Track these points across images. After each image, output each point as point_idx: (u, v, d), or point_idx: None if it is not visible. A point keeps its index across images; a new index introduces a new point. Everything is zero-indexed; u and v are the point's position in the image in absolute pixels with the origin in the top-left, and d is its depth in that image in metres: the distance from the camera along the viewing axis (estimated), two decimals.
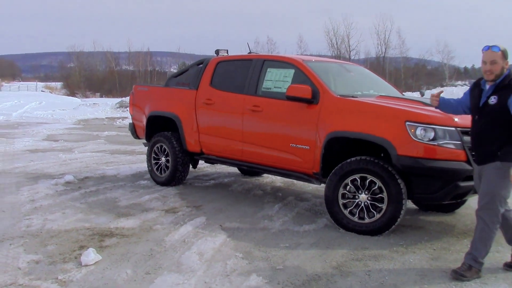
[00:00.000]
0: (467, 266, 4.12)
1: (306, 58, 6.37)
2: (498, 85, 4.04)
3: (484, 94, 4.13)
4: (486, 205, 4.09)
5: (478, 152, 4.17)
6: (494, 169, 4.03)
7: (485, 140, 4.08)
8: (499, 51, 4.02)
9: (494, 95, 4.02)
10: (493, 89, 4.06)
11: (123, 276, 3.98)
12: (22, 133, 14.83)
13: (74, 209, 5.98)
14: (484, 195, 4.10)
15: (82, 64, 70.90)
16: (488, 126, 4.05)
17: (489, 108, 4.04)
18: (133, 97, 8.30)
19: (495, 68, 4.01)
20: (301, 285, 3.88)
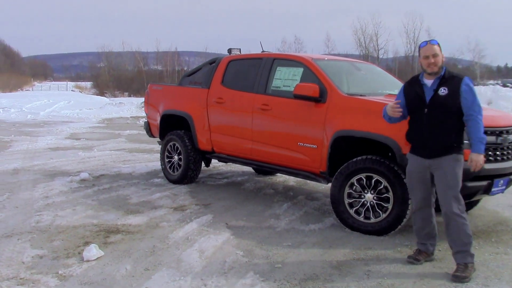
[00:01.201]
0: (463, 265, 4.11)
1: (315, 57, 6.34)
2: (443, 77, 4.19)
3: (429, 89, 4.23)
4: (454, 199, 4.14)
5: (433, 145, 4.18)
6: (453, 161, 4.14)
7: (441, 132, 4.15)
8: (437, 44, 4.23)
9: (443, 87, 4.15)
10: (438, 82, 4.19)
11: (122, 271, 4.04)
12: (47, 131, 15.16)
13: (85, 206, 6.09)
14: (450, 189, 4.14)
15: (111, 64, 72.04)
16: (442, 118, 4.14)
17: (441, 100, 4.13)
18: (148, 96, 8.40)
19: (437, 60, 4.18)
20: (297, 284, 3.87)
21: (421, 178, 4.33)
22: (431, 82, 4.24)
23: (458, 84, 4.12)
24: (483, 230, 5.51)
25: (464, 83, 4.13)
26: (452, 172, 4.14)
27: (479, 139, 4.06)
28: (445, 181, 4.15)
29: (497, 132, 5.07)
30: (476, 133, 4.06)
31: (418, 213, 4.46)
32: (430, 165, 4.24)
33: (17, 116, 21.25)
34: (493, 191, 5.11)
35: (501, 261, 4.50)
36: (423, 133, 4.24)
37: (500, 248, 4.90)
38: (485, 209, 6.42)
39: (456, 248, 4.17)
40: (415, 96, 4.31)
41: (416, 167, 4.34)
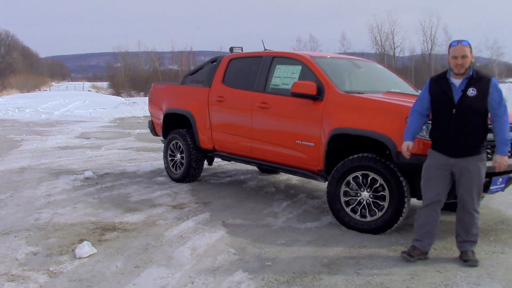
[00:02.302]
0: (471, 252, 4.37)
1: (313, 54, 6.31)
2: (471, 77, 4.19)
3: (457, 89, 4.23)
4: (478, 197, 4.32)
5: (461, 145, 4.20)
6: (479, 161, 4.23)
7: (469, 133, 4.18)
8: (469, 45, 4.20)
9: (472, 88, 4.16)
10: (466, 82, 4.19)
11: (113, 269, 4.07)
12: (58, 131, 15.33)
13: (85, 204, 6.15)
14: (477, 189, 4.27)
15: (127, 64, 72.61)
16: (470, 119, 4.16)
17: (470, 101, 4.14)
18: (152, 95, 8.45)
19: (466, 62, 4.16)
20: (285, 282, 3.86)
21: (441, 175, 4.32)
22: (460, 82, 4.22)
23: (487, 85, 4.14)
24: (483, 229, 5.43)
25: (492, 84, 4.15)
26: (478, 172, 4.22)
27: (504, 141, 4.12)
28: (471, 180, 4.22)
29: None
30: (502, 135, 4.14)
31: (426, 209, 4.44)
32: (454, 164, 4.25)
33: (32, 116, 21.51)
34: (491, 189, 5.03)
35: (496, 260, 4.44)
36: (450, 133, 4.22)
37: (498, 247, 4.83)
38: (488, 208, 6.34)
39: (466, 238, 4.37)
40: (442, 95, 4.28)
41: (438, 164, 4.32)
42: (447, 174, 4.30)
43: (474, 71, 4.20)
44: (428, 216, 4.43)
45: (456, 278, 4.00)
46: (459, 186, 4.30)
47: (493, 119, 4.17)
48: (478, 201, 4.33)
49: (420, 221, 4.48)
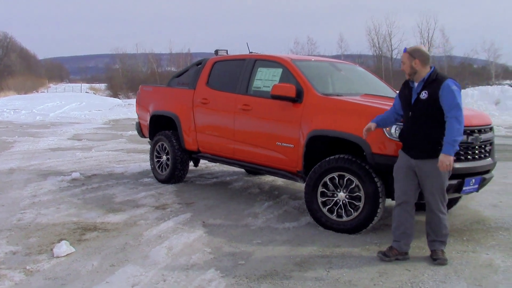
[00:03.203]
0: (441, 251, 4.47)
1: (294, 57, 6.42)
2: (426, 80, 4.32)
3: (414, 91, 4.39)
4: (440, 200, 4.42)
5: (416, 147, 4.35)
6: (437, 164, 4.25)
7: (421, 136, 4.31)
8: (406, 52, 4.40)
9: (424, 90, 4.29)
10: (422, 85, 4.34)
11: (88, 267, 4.17)
12: (51, 132, 15.42)
13: (69, 204, 6.24)
14: (435, 189, 4.37)
15: (125, 65, 72.74)
16: (422, 121, 4.30)
17: (421, 103, 4.29)
18: (139, 97, 8.55)
19: (405, 67, 4.37)
20: (255, 279, 3.96)
21: (407, 175, 4.45)
22: (417, 85, 4.39)
23: (438, 88, 4.23)
24: (458, 229, 5.54)
25: (443, 86, 4.21)
26: (437, 174, 4.30)
27: (450, 141, 4.16)
28: (431, 182, 4.34)
29: (468, 132, 5.09)
30: (449, 135, 4.17)
31: (397, 209, 4.53)
32: (415, 165, 4.38)
33: (27, 117, 21.62)
34: (464, 190, 5.14)
35: (466, 259, 4.54)
36: (409, 134, 4.42)
37: (469, 246, 4.93)
38: (466, 208, 6.44)
39: (435, 237, 4.48)
40: (404, 98, 4.48)
41: (403, 163, 4.47)
42: (412, 175, 4.41)
43: (430, 74, 4.32)
44: (400, 216, 4.52)
45: (424, 276, 4.10)
46: (422, 187, 4.43)
47: (445, 120, 4.23)
48: (442, 202, 4.43)
49: (395, 223, 4.57)
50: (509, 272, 4.24)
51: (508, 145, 13.41)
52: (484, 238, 5.21)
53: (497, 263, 4.44)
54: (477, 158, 5.22)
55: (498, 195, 7.19)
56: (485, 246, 4.94)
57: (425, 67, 4.35)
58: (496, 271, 4.25)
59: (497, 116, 21.26)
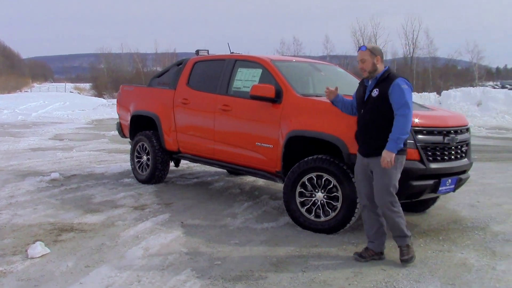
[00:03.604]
0: (406, 247, 4.43)
1: (274, 58, 6.44)
2: (379, 79, 4.40)
3: (367, 89, 4.48)
4: (386, 197, 4.35)
5: (367, 144, 4.43)
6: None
7: (372, 133, 4.37)
8: (366, 49, 4.42)
9: (376, 88, 4.38)
10: (374, 83, 4.42)
11: (63, 268, 4.13)
12: (32, 132, 15.25)
13: (46, 205, 6.18)
14: (382, 187, 4.34)
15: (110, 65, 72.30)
16: (373, 118, 4.37)
17: (372, 100, 4.37)
18: (120, 97, 8.51)
19: (366, 65, 4.42)
20: (230, 280, 3.95)
21: (364, 176, 4.52)
22: (370, 83, 4.47)
23: (388, 86, 4.29)
24: (435, 229, 5.59)
25: (393, 85, 4.26)
26: (384, 171, 4.30)
27: (394, 138, 4.18)
28: (378, 180, 4.36)
29: (444, 132, 5.15)
30: (394, 132, 4.20)
31: (365, 211, 4.60)
32: (368, 163, 4.45)
33: (8, 117, 21.34)
34: (440, 190, 5.19)
35: (441, 259, 4.58)
36: (360, 132, 4.52)
37: (445, 246, 4.98)
38: (444, 208, 6.50)
39: (396, 233, 4.46)
40: (359, 96, 4.59)
41: (360, 163, 4.54)
42: (369, 174, 4.46)
43: (383, 73, 4.38)
44: (370, 219, 4.57)
45: (398, 276, 4.14)
46: (373, 185, 4.43)
47: (394, 118, 4.24)
48: (391, 201, 4.36)
49: (365, 225, 4.64)
50: (482, 271, 4.29)
51: (488, 146, 13.59)
52: (460, 238, 5.26)
53: (471, 263, 4.49)
54: (453, 159, 5.27)
55: (476, 195, 7.28)
56: (461, 246, 4.99)
57: (382, 65, 4.44)
58: (470, 270, 4.30)
59: (478, 117, 21.54)
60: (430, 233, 5.40)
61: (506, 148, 13.13)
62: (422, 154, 4.96)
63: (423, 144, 4.99)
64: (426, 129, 5.02)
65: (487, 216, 6.11)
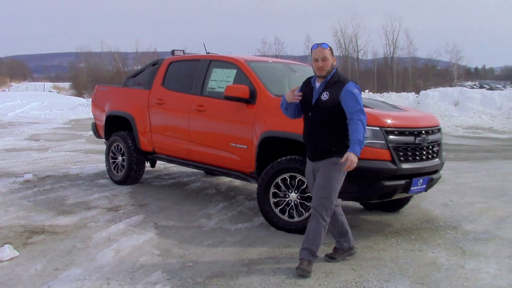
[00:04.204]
0: (308, 261, 4.18)
1: (248, 58, 6.43)
2: (328, 81, 4.24)
3: (316, 92, 4.28)
4: (323, 199, 4.19)
5: (315, 148, 4.29)
6: (330, 165, 4.19)
7: (320, 137, 4.24)
8: (328, 47, 4.25)
9: (326, 92, 4.21)
10: (324, 86, 4.24)
11: (31, 271, 4.07)
12: (7, 132, 15.03)
13: (18, 207, 6.10)
14: (321, 190, 4.21)
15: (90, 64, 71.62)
16: (322, 122, 4.23)
17: (322, 104, 4.21)
18: (95, 97, 8.43)
19: (326, 65, 4.20)
20: (201, 282, 3.94)
21: (312, 180, 4.40)
22: (319, 85, 4.29)
23: (339, 90, 4.16)
24: (407, 228, 5.65)
25: (345, 90, 4.15)
26: (326, 174, 4.19)
27: (357, 141, 4.06)
28: (319, 182, 4.22)
29: (416, 133, 5.21)
30: (355, 135, 4.07)
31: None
32: (315, 167, 4.33)
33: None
34: (412, 190, 5.24)
35: (412, 258, 4.63)
36: (308, 136, 4.35)
37: (417, 245, 5.03)
38: (418, 208, 6.57)
39: (307, 245, 4.21)
40: (305, 97, 4.34)
41: (309, 169, 4.42)
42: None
43: (333, 75, 4.24)
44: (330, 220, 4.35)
45: (369, 276, 4.17)
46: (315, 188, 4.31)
47: (348, 122, 4.13)
48: (326, 207, 4.19)
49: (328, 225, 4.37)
50: (451, 270, 4.35)
51: (464, 145, 13.78)
52: (431, 237, 5.32)
53: (441, 262, 4.55)
54: (424, 159, 5.33)
55: (449, 194, 7.37)
56: (432, 245, 5.05)
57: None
58: (439, 269, 4.36)
59: (456, 116, 21.82)
60: (403, 233, 5.45)
61: (481, 148, 13.33)
62: (394, 155, 5.01)
63: (394, 144, 5.04)
64: (397, 130, 5.07)
65: (459, 215, 6.19)
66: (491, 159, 11.23)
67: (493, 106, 22.44)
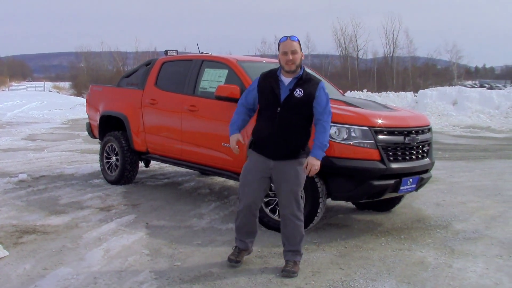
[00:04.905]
0: (293, 263, 4.18)
1: (240, 59, 6.45)
2: (301, 78, 4.10)
3: (285, 87, 4.10)
4: (295, 201, 4.16)
5: (280, 147, 4.09)
6: (298, 166, 4.11)
7: (291, 135, 4.08)
8: (297, 40, 4.10)
9: (299, 88, 4.06)
10: (295, 82, 4.09)
11: (20, 271, 4.10)
12: (5, 132, 15.05)
13: (11, 207, 6.12)
14: (292, 195, 4.15)
15: (90, 64, 71.72)
16: (294, 120, 4.07)
17: (295, 101, 4.05)
18: (89, 97, 8.46)
19: (296, 58, 4.04)
20: (188, 281, 3.97)
21: (261, 178, 4.19)
22: (289, 81, 4.11)
23: (315, 88, 4.07)
24: (398, 228, 5.66)
25: (320, 87, 4.09)
26: (297, 176, 4.12)
27: (321, 145, 4.02)
28: (289, 184, 4.11)
29: (405, 132, 5.23)
30: (320, 138, 4.04)
31: (245, 211, 4.27)
32: (274, 167, 4.14)
33: None
34: (402, 189, 5.27)
35: (400, 257, 4.65)
36: (273, 132, 4.08)
37: (406, 244, 5.05)
38: (410, 207, 6.59)
39: (289, 247, 4.21)
40: (270, 91, 4.13)
41: (258, 165, 4.19)
42: (267, 177, 4.19)
43: (304, 71, 4.13)
44: (247, 218, 4.30)
45: (356, 275, 4.19)
46: (278, 191, 4.20)
47: (316, 123, 4.09)
48: (298, 208, 4.18)
49: (239, 223, 4.34)
50: (438, 269, 4.37)
51: (460, 145, 13.79)
52: (421, 237, 5.34)
53: (428, 261, 4.57)
54: (414, 159, 5.36)
55: (442, 194, 7.39)
56: (421, 244, 5.07)
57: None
58: (427, 268, 4.38)
59: (454, 116, 21.83)
60: (393, 232, 5.47)
61: (477, 147, 13.34)
62: (383, 154, 5.04)
63: (383, 144, 5.07)
64: (386, 130, 5.10)
65: (451, 215, 6.21)
66: (486, 158, 11.24)
67: (491, 105, 22.45)
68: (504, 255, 4.77)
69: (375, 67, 67.86)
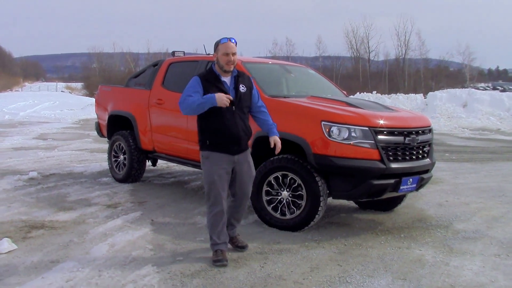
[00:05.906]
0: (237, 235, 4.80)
1: (245, 59, 6.57)
2: (238, 75, 4.46)
3: (229, 86, 4.40)
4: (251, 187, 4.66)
5: (240, 141, 4.41)
6: (250, 155, 4.61)
7: (244, 129, 4.44)
8: (235, 42, 4.39)
9: (241, 84, 4.43)
10: (234, 79, 4.43)
11: (27, 263, 4.25)
12: (17, 131, 15.32)
13: (21, 203, 6.29)
14: (250, 178, 4.60)
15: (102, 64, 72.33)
16: (245, 115, 4.48)
17: (242, 97, 4.41)
18: (98, 97, 8.63)
19: (235, 59, 4.36)
20: (189, 275, 4.08)
21: (227, 175, 4.41)
22: (229, 80, 4.41)
23: (250, 82, 4.54)
24: (399, 227, 5.74)
25: (251, 81, 4.57)
26: (252, 163, 4.61)
27: (274, 125, 4.59)
28: (250, 172, 4.56)
29: (405, 133, 5.32)
30: (270, 121, 4.60)
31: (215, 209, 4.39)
32: (237, 160, 4.44)
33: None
34: (402, 189, 5.35)
35: (398, 255, 4.73)
36: (236, 130, 4.33)
37: (405, 243, 5.13)
38: (412, 207, 6.65)
39: (237, 224, 4.78)
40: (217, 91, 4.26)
41: (224, 165, 4.35)
42: (230, 173, 4.44)
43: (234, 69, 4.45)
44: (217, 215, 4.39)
45: (353, 271, 4.28)
46: (241, 179, 4.50)
47: (257, 111, 4.57)
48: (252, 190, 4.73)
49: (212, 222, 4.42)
50: (435, 266, 4.45)
51: (468, 147, 13.78)
52: (421, 236, 5.41)
53: (426, 259, 4.65)
54: (414, 159, 5.44)
55: (446, 194, 7.44)
56: (420, 243, 5.14)
57: None
58: (423, 266, 4.46)
59: (464, 118, 21.78)
60: (393, 231, 5.55)
61: (486, 149, 13.34)
62: (383, 154, 5.12)
63: (383, 144, 5.15)
64: (386, 130, 5.18)
65: (453, 215, 6.27)
66: (493, 160, 11.25)
67: (502, 108, 22.37)
68: (502, 254, 4.83)
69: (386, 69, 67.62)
